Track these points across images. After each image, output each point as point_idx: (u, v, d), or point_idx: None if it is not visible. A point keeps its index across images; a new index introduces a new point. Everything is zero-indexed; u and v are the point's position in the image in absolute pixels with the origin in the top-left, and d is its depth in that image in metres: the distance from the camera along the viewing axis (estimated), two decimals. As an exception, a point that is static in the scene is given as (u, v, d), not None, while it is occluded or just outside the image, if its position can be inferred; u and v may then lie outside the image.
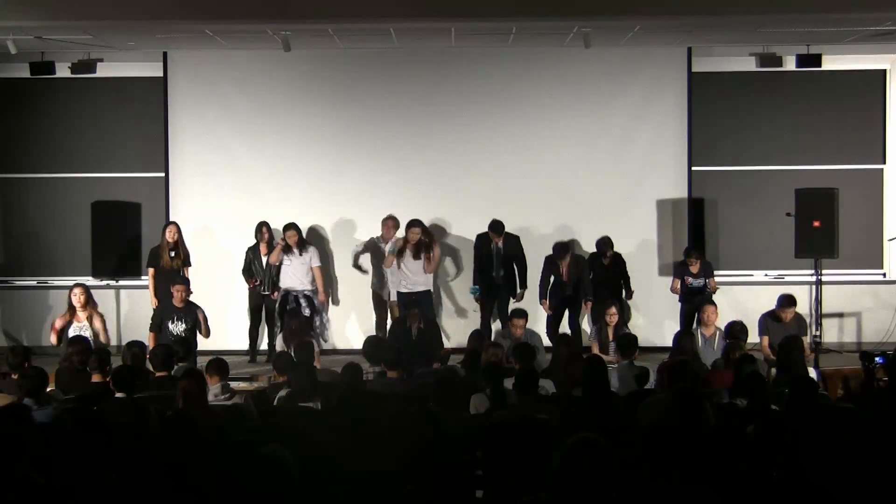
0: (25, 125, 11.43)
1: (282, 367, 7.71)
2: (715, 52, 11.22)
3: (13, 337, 11.28)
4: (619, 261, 10.38)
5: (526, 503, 3.75)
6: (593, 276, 10.30)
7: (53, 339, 9.28)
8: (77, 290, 9.33)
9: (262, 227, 10.50)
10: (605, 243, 10.33)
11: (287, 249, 10.22)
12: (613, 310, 9.69)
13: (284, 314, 10.04)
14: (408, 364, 8.32)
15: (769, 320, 9.51)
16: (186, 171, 11.13)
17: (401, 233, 10.42)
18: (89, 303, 9.34)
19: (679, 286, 10.29)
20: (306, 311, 10.12)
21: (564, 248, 10.22)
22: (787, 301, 9.48)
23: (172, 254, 10.21)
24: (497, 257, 10.36)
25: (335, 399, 6.31)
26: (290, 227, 10.27)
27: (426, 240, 10.26)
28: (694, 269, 10.18)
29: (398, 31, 9.82)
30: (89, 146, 11.45)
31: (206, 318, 9.53)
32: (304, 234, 10.43)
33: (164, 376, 7.36)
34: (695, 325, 9.57)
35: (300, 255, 10.24)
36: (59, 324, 9.26)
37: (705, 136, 11.22)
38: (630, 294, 10.42)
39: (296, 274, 10.22)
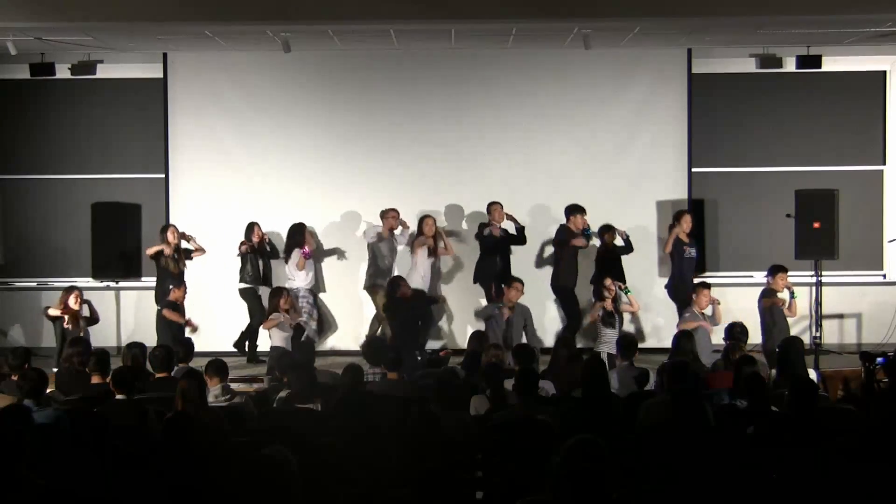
0: (25, 126, 11.42)
1: (283, 367, 7.71)
2: (715, 54, 11.22)
3: (13, 338, 11.27)
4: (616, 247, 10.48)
5: (526, 504, 3.76)
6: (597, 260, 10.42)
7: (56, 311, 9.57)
8: (74, 294, 9.37)
9: (255, 227, 10.47)
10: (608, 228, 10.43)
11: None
12: (609, 281, 9.69)
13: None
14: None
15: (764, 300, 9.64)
16: (186, 172, 11.12)
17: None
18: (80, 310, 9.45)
19: (672, 248, 10.32)
20: (305, 306, 10.14)
21: (578, 206, 10.34)
22: (777, 268, 9.66)
23: (175, 255, 10.19)
24: (497, 242, 10.41)
25: (336, 400, 6.32)
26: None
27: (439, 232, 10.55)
28: (684, 234, 10.27)
29: (398, 32, 9.82)
30: (89, 147, 11.44)
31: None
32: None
33: (164, 377, 7.36)
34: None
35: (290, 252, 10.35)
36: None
37: (705, 138, 11.22)
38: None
39: (295, 273, 10.28)
